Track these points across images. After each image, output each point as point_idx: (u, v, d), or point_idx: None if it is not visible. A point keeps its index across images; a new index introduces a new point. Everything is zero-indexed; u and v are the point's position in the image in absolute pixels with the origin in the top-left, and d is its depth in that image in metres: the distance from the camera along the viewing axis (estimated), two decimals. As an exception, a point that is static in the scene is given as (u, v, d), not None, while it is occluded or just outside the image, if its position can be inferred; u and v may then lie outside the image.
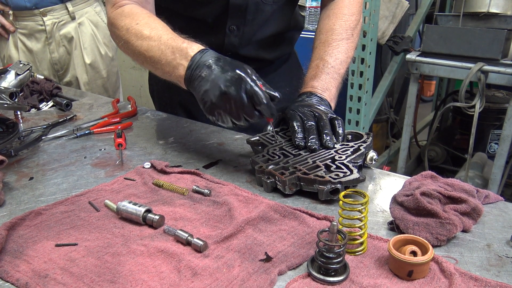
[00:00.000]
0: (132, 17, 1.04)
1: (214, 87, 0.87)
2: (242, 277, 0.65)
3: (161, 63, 0.97)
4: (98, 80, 2.10)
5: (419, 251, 0.66)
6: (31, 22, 1.92)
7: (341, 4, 1.21)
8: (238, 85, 0.85)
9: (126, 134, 1.22)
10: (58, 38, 1.97)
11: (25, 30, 1.95)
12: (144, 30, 1.00)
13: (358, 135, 1.03)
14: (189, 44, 0.94)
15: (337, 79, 1.12)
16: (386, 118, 3.37)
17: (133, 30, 1.02)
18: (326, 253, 0.65)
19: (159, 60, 0.97)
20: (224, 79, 0.86)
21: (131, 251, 0.71)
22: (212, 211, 0.84)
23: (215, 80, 0.87)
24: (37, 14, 1.90)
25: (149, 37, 0.99)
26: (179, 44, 0.95)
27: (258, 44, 1.29)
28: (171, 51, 0.95)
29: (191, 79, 0.91)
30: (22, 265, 0.69)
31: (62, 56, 2.01)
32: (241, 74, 0.86)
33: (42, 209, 0.83)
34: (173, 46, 0.95)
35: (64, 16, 1.94)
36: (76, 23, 1.99)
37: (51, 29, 1.94)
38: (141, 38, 1.00)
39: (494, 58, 2.22)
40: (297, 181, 0.88)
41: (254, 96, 0.85)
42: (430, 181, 0.84)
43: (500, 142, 2.33)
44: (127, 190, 0.92)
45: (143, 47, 1.00)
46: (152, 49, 0.98)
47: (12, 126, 1.12)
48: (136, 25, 1.02)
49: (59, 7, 1.92)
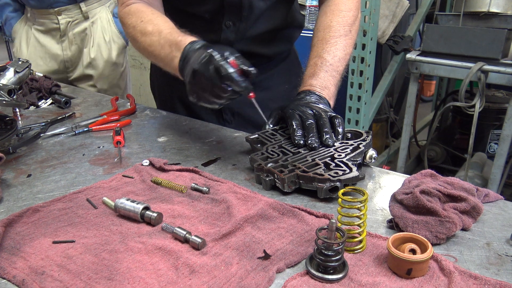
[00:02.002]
0: (137, 15, 1.12)
1: (189, 68, 0.93)
2: (240, 274, 0.65)
3: (161, 57, 1.03)
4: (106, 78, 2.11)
5: (418, 249, 0.66)
6: (47, 20, 1.97)
7: (339, 0, 1.21)
8: (207, 62, 0.89)
9: (124, 131, 1.22)
10: (71, 37, 2.01)
11: (42, 27, 2.00)
12: (147, 26, 1.07)
13: (357, 133, 1.03)
14: (184, 37, 0.99)
15: (335, 76, 1.12)
16: (386, 117, 3.36)
17: (138, 28, 1.10)
18: (325, 251, 0.65)
19: (159, 54, 1.04)
20: (197, 60, 0.91)
21: (128, 248, 0.71)
22: (211, 209, 0.83)
23: (190, 63, 0.93)
24: (52, 13, 1.94)
25: (151, 33, 1.06)
26: (175, 37, 1.00)
27: (254, 40, 1.29)
28: (169, 45, 1.00)
29: (182, 69, 0.97)
30: (19, 262, 0.68)
31: (74, 54, 2.05)
32: (211, 53, 0.89)
33: (39, 206, 0.83)
34: (170, 40, 1.01)
35: (78, 15, 1.99)
36: (90, 22, 2.02)
37: (65, 27, 1.98)
38: (145, 35, 1.07)
39: (494, 57, 2.22)
40: (296, 179, 0.88)
41: (218, 69, 0.87)
42: (429, 180, 0.83)
43: (499, 142, 2.32)
44: (125, 187, 0.92)
45: (146, 43, 1.07)
46: (153, 44, 1.05)
47: (10, 123, 1.12)
48: (141, 22, 1.09)
49: (73, 7, 1.97)
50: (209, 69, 0.88)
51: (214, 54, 0.88)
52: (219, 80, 0.88)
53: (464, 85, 2.27)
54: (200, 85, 0.91)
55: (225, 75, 0.87)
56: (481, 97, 2.25)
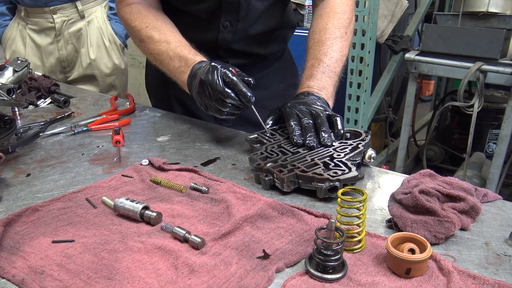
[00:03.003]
0: (141, 19, 1.17)
1: (197, 81, 1.02)
2: (240, 274, 0.65)
3: (169, 67, 1.13)
4: (105, 78, 2.11)
5: (417, 249, 0.66)
6: (42, 19, 1.96)
7: (333, 3, 1.22)
8: (212, 72, 0.98)
9: (124, 131, 1.22)
10: (67, 36, 2.00)
11: (36, 27, 1.98)
12: (154, 34, 1.14)
13: (356, 133, 1.03)
14: (193, 55, 1.09)
15: (333, 77, 1.12)
16: (385, 117, 3.37)
17: (144, 32, 1.16)
18: (324, 251, 0.65)
19: (168, 64, 1.13)
20: (203, 72, 1.01)
21: (128, 248, 0.71)
22: (210, 208, 0.83)
23: (196, 75, 1.03)
24: (48, 12, 1.93)
25: (159, 41, 1.13)
26: (185, 54, 1.10)
27: (251, 40, 1.30)
28: (178, 59, 1.10)
29: (190, 84, 1.06)
30: (19, 261, 0.68)
31: (70, 53, 2.04)
32: (215, 64, 0.99)
33: (39, 206, 0.83)
34: (180, 55, 1.10)
35: (74, 14, 1.98)
36: (85, 22, 2.01)
37: (60, 26, 1.97)
38: (152, 42, 1.14)
39: (493, 57, 2.22)
40: (296, 179, 0.88)
41: (224, 76, 0.97)
42: (428, 179, 0.84)
43: (498, 142, 2.33)
44: (125, 187, 0.92)
45: (154, 51, 1.14)
46: (162, 54, 1.13)
47: (9, 123, 1.12)
48: (146, 28, 1.16)
49: (69, 5, 1.95)
50: (214, 78, 0.97)
51: (217, 64, 0.99)
52: (223, 85, 0.97)
53: (463, 85, 2.28)
54: (206, 94, 0.99)
55: (229, 80, 0.97)
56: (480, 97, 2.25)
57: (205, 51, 1.14)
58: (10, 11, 2.06)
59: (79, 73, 2.08)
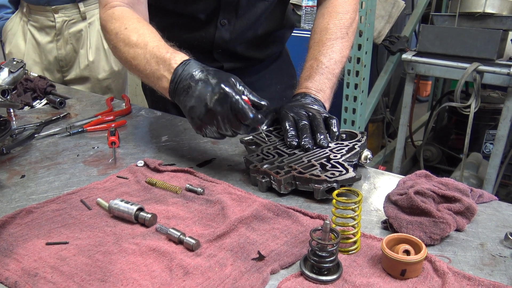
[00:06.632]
0: (121, 21, 1.03)
1: (200, 104, 0.87)
2: (235, 276, 0.65)
3: (146, 72, 0.96)
4: (102, 80, 2.11)
5: (412, 250, 0.66)
6: (43, 17, 1.96)
7: (336, 2, 1.20)
8: (223, 101, 0.84)
9: (119, 132, 1.21)
10: (67, 36, 2.00)
11: (37, 24, 1.99)
12: (132, 36, 0.99)
13: (352, 134, 1.03)
14: (172, 54, 0.93)
15: (331, 79, 1.11)
16: (382, 117, 3.37)
17: (121, 35, 1.01)
18: (319, 252, 0.65)
19: (144, 69, 0.97)
20: (209, 96, 0.85)
21: (122, 249, 0.71)
22: (205, 210, 0.83)
23: (200, 97, 0.86)
24: (49, 10, 1.93)
25: (136, 44, 0.98)
26: (163, 54, 0.93)
27: (249, 43, 1.29)
28: (156, 61, 0.94)
29: (175, 93, 0.91)
30: (12, 263, 0.68)
31: (68, 53, 2.04)
32: (226, 89, 0.85)
33: (33, 207, 0.83)
34: (158, 56, 0.94)
35: (75, 15, 1.98)
36: (86, 23, 2.01)
37: (60, 26, 1.97)
38: (129, 45, 0.99)
39: (489, 58, 2.23)
40: (293, 180, 0.87)
41: (239, 113, 0.85)
42: (424, 180, 0.84)
43: (495, 142, 2.33)
44: (120, 188, 0.91)
45: (130, 54, 0.99)
46: (138, 57, 0.97)
47: (4, 124, 1.11)
48: (124, 29, 1.01)
49: (71, 6, 1.96)
50: (227, 110, 0.85)
51: (229, 92, 0.85)
52: (238, 120, 0.86)
53: (460, 86, 2.28)
54: (213, 123, 0.88)
55: (245, 118, 0.85)
56: (477, 97, 2.26)
57: (199, 54, 1.06)
58: (12, 4, 2.06)
59: (76, 74, 2.07)
